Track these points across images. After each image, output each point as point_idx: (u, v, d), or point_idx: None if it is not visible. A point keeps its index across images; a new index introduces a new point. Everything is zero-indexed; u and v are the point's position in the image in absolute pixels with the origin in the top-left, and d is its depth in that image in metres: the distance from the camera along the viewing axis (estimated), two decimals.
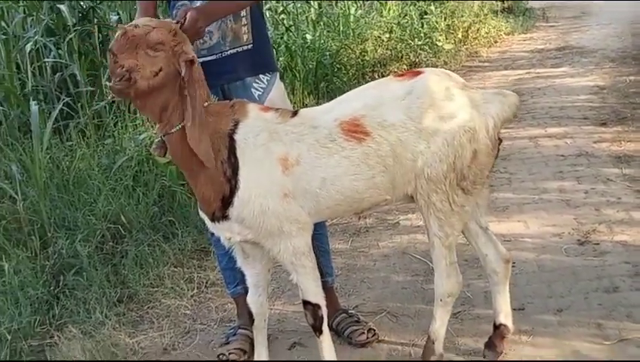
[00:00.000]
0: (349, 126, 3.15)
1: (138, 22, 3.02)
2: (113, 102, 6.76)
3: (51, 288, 4.55)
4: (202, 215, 3.31)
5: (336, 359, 3.41)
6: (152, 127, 6.26)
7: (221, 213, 3.16)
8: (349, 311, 4.08)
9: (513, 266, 4.35)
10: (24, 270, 4.56)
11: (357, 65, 10.29)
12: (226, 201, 3.13)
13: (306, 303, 3.33)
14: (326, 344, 3.38)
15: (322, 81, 9.38)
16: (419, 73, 3.28)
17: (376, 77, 10.03)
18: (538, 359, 3.33)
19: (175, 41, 3.00)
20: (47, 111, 6.17)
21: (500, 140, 3.33)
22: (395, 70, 10.32)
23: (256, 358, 3.56)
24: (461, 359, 3.64)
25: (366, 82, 3.58)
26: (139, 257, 4.97)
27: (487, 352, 3.61)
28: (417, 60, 11.09)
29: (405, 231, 5.42)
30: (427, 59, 11.20)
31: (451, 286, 3.37)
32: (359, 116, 3.17)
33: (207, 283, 4.86)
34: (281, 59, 9.32)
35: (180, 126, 3.05)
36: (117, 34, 2.95)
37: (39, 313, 4.33)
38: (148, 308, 4.54)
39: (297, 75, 9.03)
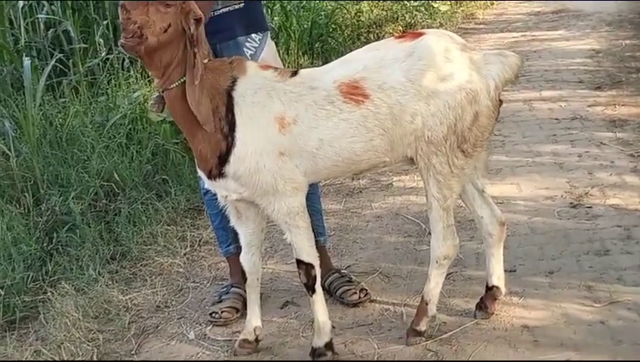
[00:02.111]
0: (348, 88, 3.14)
1: None
2: (107, 59, 6.73)
3: (44, 245, 4.56)
4: (200, 172, 3.31)
5: (328, 318, 3.42)
6: (146, 85, 6.25)
7: (218, 171, 3.17)
8: (342, 271, 4.10)
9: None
10: (17, 226, 4.56)
11: (352, 25, 10.23)
12: (223, 158, 3.13)
13: (299, 262, 3.34)
14: (318, 303, 3.39)
15: (317, 41, 9.33)
16: (420, 34, 3.25)
17: (372, 38, 10.00)
18: (540, 358, 3.35)
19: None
20: (40, 68, 6.12)
21: (501, 102, 3.32)
22: (391, 31, 10.28)
23: (248, 317, 3.58)
24: (452, 319, 3.65)
25: (361, 43, 3.57)
26: (132, 215, 4.98)
27: (478, 313, 3.65)
28: (413, 22, 11.03)
29: (398, 192, 5.43)
30: (423, 21, 11.14)
31: (447, 249, 3.37)
32: (359, 78, 3.15)
33: (200, 241, 4.87)
34: (275, 18, 9.26)
35: (181, 82, 3.05)
36: None
37: (32, 269, 4.35)
38: (141, 265, 4.56)
39: (292, 34, 8.97)
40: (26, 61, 5.55)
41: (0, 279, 4.15)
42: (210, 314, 3.88)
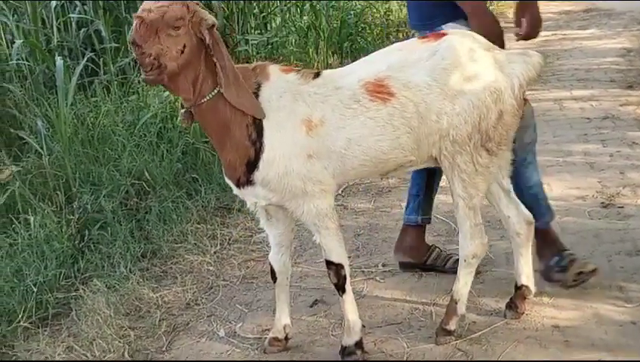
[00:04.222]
0: (374, 86, 3.15)
1: (147, 5, 2.93)
2: (135, 60, 6.77)
3: (76, 242, 4.61)
4: (228, 181, 3.32)
5: (358, 318, 3.43)
6: None
7: (246, 178, 3.17)
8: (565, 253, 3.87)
9: None
10: (49, 224, 4.61)
11: (381, 24, 10.22)
12: (251, 165, 3.13)
13: (329, 263, 3.35)
14: (349, 303, 3.40)
15: (346, 40, 9.33)
16: (443, 35, 3.27)
17: (401, 37, 9.97)
18: (571, 358, 3.33)
19: (191, 12, 2.96)
20: (72, 67, 6.18)
21: (526, 101, 3.31)
22: None
23: (278, 315, 3.59)
24: (482, 319, 3.65)
25: (391, 42, 3.56)
26: (162, 213, 5.01)
27: (508, 312, 3.63)
28: None
29: None
30: None
31: (476, 248, 3.37)
32: (384, 77, 3.16)
33: (229, 240, 4.90)
34: (305, 18, 9.28)
35: (213, 94, 3.06)
36: (134, 24, 2.90)
37: (64, 266, 4.39)
38: (171, 263, 4.59)
39: (321, 34, 8.98)
40: (59, 60, 5.60)
41: (33, 276, 4.20)
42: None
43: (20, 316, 3.97)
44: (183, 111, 3.18)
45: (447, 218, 4.82)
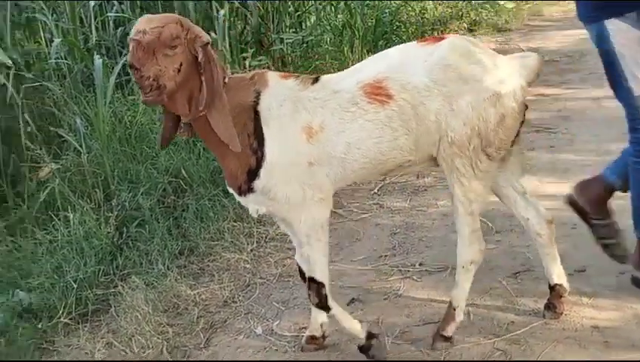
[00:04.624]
0: (372, 88, 3.14)
1: (142, 26, 2.89)
2: None
3: (115, 239, 4.65)
4: (230, 190, 3.31)
5: (354, 319, 3.42)
6: None
7: (247, 186, 3.16)
8: None
9: (574, 228, 4.34)
10: (88, 221, 4.66)
11: (416, 23, 10.19)
12: (253, 174, 3.13)
13: (311, 280, 3.30)
14: (339, 314, 3.38)
15: (381, 39, 9.30)
16: (442, 38, 3.26)
17: (436, 35, 9.94)
18: (611, 359, 3.31)
19: (185, 29, 2.94)
20: (109, 66, 6.23)
21: (526, 106, 3.30)
22: (456, 29, 10.22)
23: (314, 313, 3.58)
24: (520, 319, 3.63)
25: None
26: (199, 211, 5.04)
27: (547, 313, 3.62)
28: (478, 19, 10.96)
29: None
30: (488, 18, 11.06)
31: (473, 254, 3.35)
32: (382, 78, 3.15)
33: (266, 238, 4.91)
34: (339, 16, 9.28)
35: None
36: (130, 47, 2.88)
37: (103, 263, 4.43)
38: (208, 261, 4.62)
39: (356, 32, 8.96)
40: (97, 59, 5.65)
41: (73, 272, 4.25)
42: None
43: (60, 312, 4.02)
44: (182, 124, 3.16)
45: (483, 217, 4.78)
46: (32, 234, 4.74)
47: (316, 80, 3.23)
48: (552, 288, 3.61)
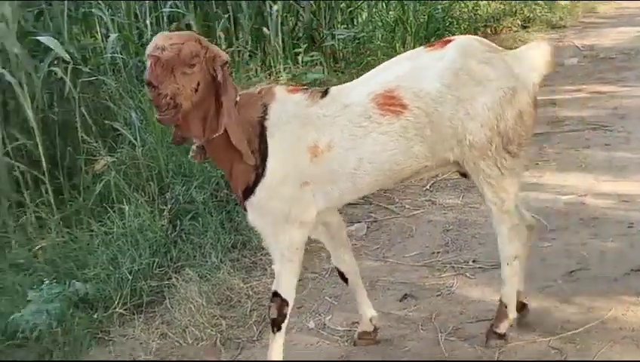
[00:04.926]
0: (385, 99, 3.06)
1: (160, 43, 2.83)
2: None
3: (169, 232, 4.69)
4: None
5: (282, 360, 3.30)
6: (266, 77, 6.35)
7: (242, 204, 3.13)
8: None
9: (630, 227, 4.28)
10: (143, 214, 4.71)
11: (469, 19, 10.13)
12: (249, 191, 3.06)
13: (275, 295, 3.20)
14: (278, 343, 3.27)
15: (433, 35, 9.25)
16: (449, 41, 3.19)
17: (489, 32, 9.91)
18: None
19: (204, 48, 2.88)
20: None
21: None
22: (509, 25, 10.14)
23: (362, 310, 3.57)
24: (577, 318, 3.58)
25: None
26: None
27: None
28: (532, 16, 10.85)
29: None
30: (542, 15, 10.94)
31: (515, 249, 3.32)
32: (393, 87, 3.07)
33: None
34: (391, 12, 9.26)
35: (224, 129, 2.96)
36: (149, 63, 2.79)
37: (158, 255, 4.48)
38: (261, 255, 4.63)
39: (409, 28, 8.94)
40: None
41: (128, 264, 4.30)
42: None
43: (115, 302, 4.09)
44: (194, 147, 3.10)
45: (537, 214, 4.75)
46: (88, 225, 4.81)
47: (325, 93, 3.14)
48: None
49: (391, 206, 5.27)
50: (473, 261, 4.33)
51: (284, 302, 3.19)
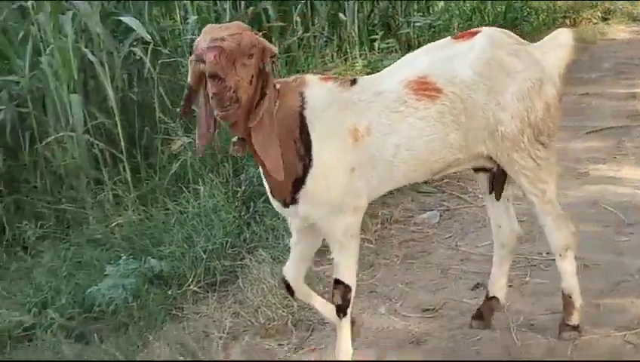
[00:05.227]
0: (418, 85, 3.01)
1: (217, 34, 2.68)
2: (301, 39, 6.92)
3: (242, 213, 4.74)
4: (274, 203, 3.17)
5: (351, 346, 3.26)
6: (342, 63, 6.36)
7: (292, 196, 3.01)
8: None
9: None
10: (217, 195, 4.77)
11: (548, 10, 9.99)
12: (299, 182, 2.97)
13: (338, 282, 3.18)
14: (345, 328, 3.24)
15: (511, 25, 9.13)
16: (477, 32, 3.16)
17: (567, 23, 9.74)
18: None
19: (257, 39, 2.77)
20: None
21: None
22: (589, 17, 9.97)
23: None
24: None
25: (556, 28, 3.45)
26: None
27: (475, 322, 3.58)
28: (612, 7, 10.64)
29: (595, 181, 5.29)
30: (623, 7, 10.71)
31: (564, 238, 3.26)
32: (426, 74, 3.03)
33: (390, 219, 4.91)
34: (468, 1, 9.18)
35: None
36: (211, 55, 2.61)
37: (231, 236, 4.54)
38: None
39: (486, 17, 8.86)
40: None
41: (202, 243, 4.37)
42: None
43: (189, 280, 4.16)
44: (234, 140, 2.97)
45: (615, 208, 4.68)
46: (164, 204, 4.91)
47: (354, 82, 3.08)
48: (488, 299, 3.56)
49: (464, 195, 5.24)
50: (547, 253, 4.26)
51: (347, 289, 3.18)
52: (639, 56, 9.86)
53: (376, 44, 7.31)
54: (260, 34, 2.88)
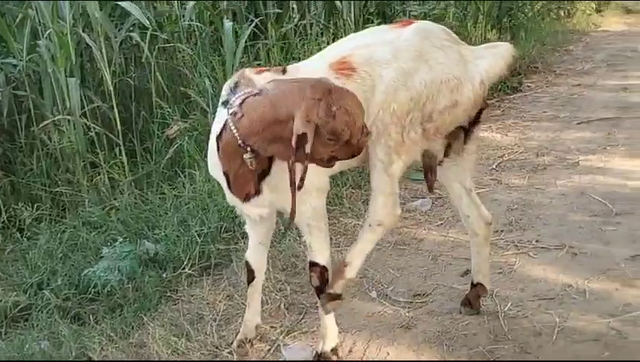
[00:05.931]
0: (339, 65, 3.08)
1: (323, 87, 2.76)
2: (297, 26, 6.95)
3: None
4: (232, 200, 3.19)
5: (335, 324, 3.35)
6: None
7: (255, 189, 3.06)
8: None
9: None
10: (212, 179, 4.80)
11: (543, 0, 10.01)
12: (264, 173, 3.02)
13: (313, 265, 3.23)
14: (328, 317, 3.32)
15: (506, 15, 9.21)
16: (411, 22, 3.23)
17: (562, 14, 9.78)
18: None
19: None
20: (235, 30, 6.37)
21: (486, 105, 3.28)
22: (583, 8, 10.01)
23: (249, 316, 3.57)
24: (638, 301, 3.59)
25: (551, 19, 3.50)
26: None
27: (463, 309, 3.66)
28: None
29: (585, 171, 5.36)
30: None
31: (384, 216, 3.22)
32: (347, 55, 3.11)
33: None
34: None
35: None
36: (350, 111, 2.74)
37: (225, 220, 4.59)
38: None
39: (481, 7, 8.89)
40: (227, 23, 5.82)
41: (197, 227, 4.43)
42: None
43: (184, 263, 4.22)
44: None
45: (604, 198, 4.75)
46: (159, 188, 4.96)
47: (284, 71, 3.11)
48: (474, 286, 3.64)
49: None
50: (536, 241, 4.35)
51: (323, 269, 3.23)
52: (632, 48, 9.95)
53: None
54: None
